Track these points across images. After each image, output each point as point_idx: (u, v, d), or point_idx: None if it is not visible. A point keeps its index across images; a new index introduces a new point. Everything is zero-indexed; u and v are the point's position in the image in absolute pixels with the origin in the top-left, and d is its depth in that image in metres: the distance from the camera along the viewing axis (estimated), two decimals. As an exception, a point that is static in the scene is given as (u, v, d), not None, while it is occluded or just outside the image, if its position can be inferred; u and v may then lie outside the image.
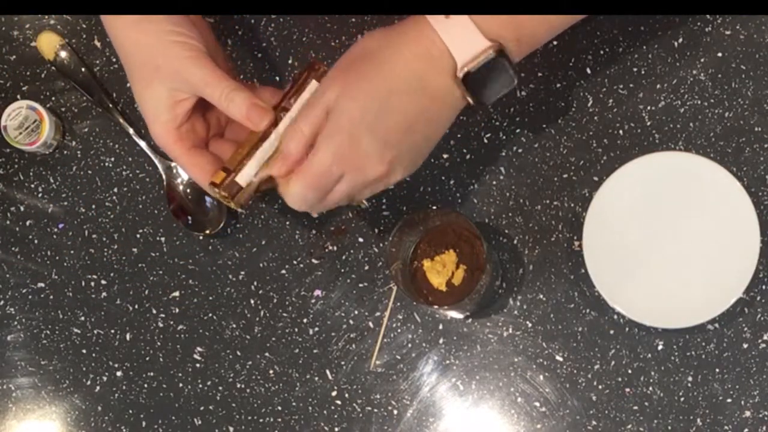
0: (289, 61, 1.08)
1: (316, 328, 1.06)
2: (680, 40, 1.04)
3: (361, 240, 1.06)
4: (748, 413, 1.00)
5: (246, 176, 0.91)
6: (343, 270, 1.06)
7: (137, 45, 0.92)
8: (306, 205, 0.91)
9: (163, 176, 1.07)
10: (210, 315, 1.07)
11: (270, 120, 0.91)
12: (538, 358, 1.03)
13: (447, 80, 0.88)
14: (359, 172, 0.89)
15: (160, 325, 1.08)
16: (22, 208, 1.10)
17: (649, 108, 1.04)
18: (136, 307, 1.08)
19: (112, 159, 1.09)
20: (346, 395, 1.05)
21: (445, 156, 1.05)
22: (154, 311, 1.08)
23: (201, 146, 0.94)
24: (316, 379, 1.05)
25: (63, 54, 1.08)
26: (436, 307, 0.99)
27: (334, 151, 0.87)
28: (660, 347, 1.02)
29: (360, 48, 0.90)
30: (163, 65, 0.91)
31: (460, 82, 0.88)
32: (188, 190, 1.08)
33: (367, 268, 1.06)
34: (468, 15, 0.86)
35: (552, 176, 1.04)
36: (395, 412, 1.04)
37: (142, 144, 1.08)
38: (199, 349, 1.07)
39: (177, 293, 1.08)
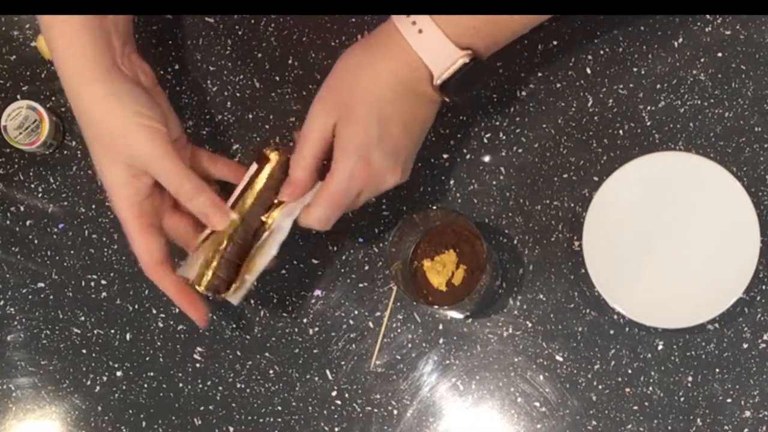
0: (289, 61, 1.08)
1: (316, 328, 1.06)
2: (680, 40, 1.04)
3: (361, 240, 1.06)
4: (748, 413, 1.00)
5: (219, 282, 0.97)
6: (343, 270, 1.06)
7: (103, 123, 0.93)
8: (329, 225, 0.96)
9: (163, 176, 1.07)
10: (210, 315, 1.07)
11: (229, 222, 0.95)
12: (538, 358, 1.03)
13: (427, 86, 0.93)
14: (376, 186, 0.94)
15: (160, 325, 1.08)
16: (22, 208, 1.10)
17: (649, 108, 1.04)
18: (136, 307, 1.08)
19: (112, 159, 1.09)
20: (346, 395, 1.05)
21: (445, 156, 1.06)
22: (154, 311, 1.08)
23: (157, 224, 0.97)
24: (316, 379, 1.06)
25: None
26: (436, 307, 0.99)
27: (349, 174, 0.92)
28: (660, 347, 1.02)
29: (342, 68, 0.94)
30: (128, 149, 0.92)
31: (437, 89, 0.93)
32: None
33: (367, 268, 1.06)
34: (440, 29, 0.90)
35: (552, 176, 1.04)
36: (395, 412, 1.04)
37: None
38: (199, 349, 1.07)
39: (177, 293, 1.08)
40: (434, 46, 0.91)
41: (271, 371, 1.06)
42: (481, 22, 0.91)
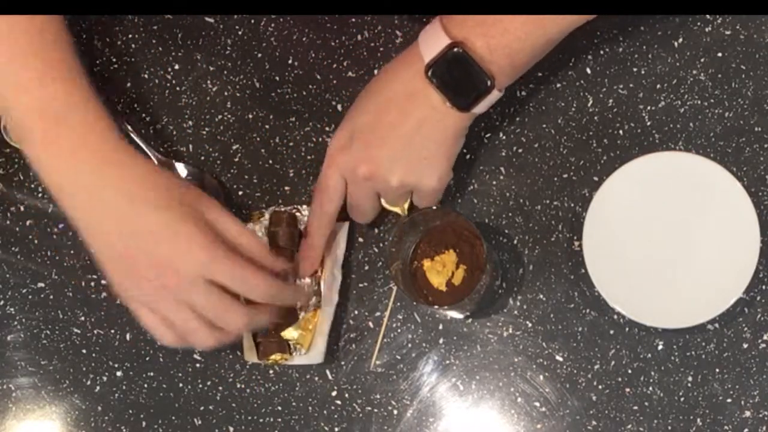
0: (289, 61, 1.08)
1: (316, 328, 1.06)
2: (680, 40, 1.04)
3: (361, 240, 1.06)
4: (748, 413, 1.00)
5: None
6: (342, 270, 1.06)
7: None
8: (329, 215, 1.00)
9: (163, 176, 1.07)
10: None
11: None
12: (538, 358, 1.03)
13: (422, 82, 0.94)
14: (351, 172, 0.97)
15: (160, 325, 1.08)
16: (22, 208, 1.10)
17: (649, 108, 1.04)
18: (136, 307, 1.08)
19: (112, 159, 1.09)
20: (346, 395, 1.05)
21: (445, 156, 1.05)
22: (154, 311, 1.08)
23: None
24: (316, 379, 1.05)
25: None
26: (436, 307, 0.99)
27: (328, 157, 0.98)
28: (660, 347, 1.02)
29: (372, 83, 0.99)
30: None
31: (428, 79, 0.93)
32: None
33: (367, 268, 1.06)
34: (439, 18, 0.93)
35: (552, 176, 1.04)
36: (395, 412, 1.04)
37: (142, 143, 1.08)
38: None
39: (177, 293, 1.07)
40: (430, 34, 0.94)
41: (271, 371, 1.06)
42: (479, 18, 0.92)
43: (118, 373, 1.08)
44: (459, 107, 0.94)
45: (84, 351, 1.08)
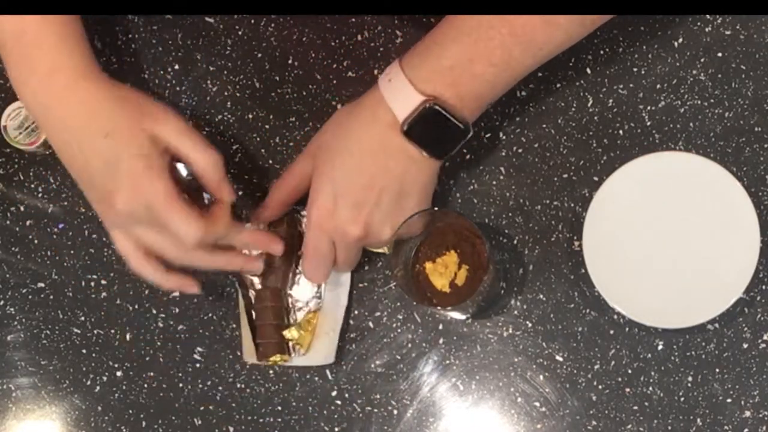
0: (289, 61, 1.08)
1: (316, 328, 1.06)
2: (680, 40, 1.04)
3: (361, 240, 1.06)
4: (748, 413, 1.00)
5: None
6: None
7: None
8: (320, 276, 1.00)
9: (163, 176, 1.07)
10: (210, 315, 1.07)
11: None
12: (538, 358, 1.03)
13: (397, 137, 0.94)
14: (342, 237, 0.97)
15: (160, 325, 1.08)
16: (22, 208, 1.10)
17: (649, 108, 1.04)
18: (136, 307, 1.08)
19: (112, 159, 1.09)
20: (346, 395, 1.05)
21: (445, 156, 1.06)
22: (154, 311, 1.08)
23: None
24: (316, 379, 1.06)
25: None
26: (440, 308, 0.99)
27: (315, 224, 0.96)
28: (660, 347, 1.02)
29: (329, 123, 0.99)
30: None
31: (405, 137, 0.94)
32: (188, 190, 1.07)
33: (367, 268, 1.06)
34: (405, 76, 0.93)
35: (552, 176, 1.04)
36: (395, 412, 1.04)
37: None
38: (199, 349, 1.07)
39: (177, 293, 1.08)
40: (399, 91, 0.94)
41: (271, 371, 1.06)
42: (446, 68, 0.92)
43: (118, 373, 1.08)
44: (437, 157, 0.96)
45: (84, 351, 1.08)
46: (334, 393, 1.05)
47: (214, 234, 0.95)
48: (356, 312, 1.06)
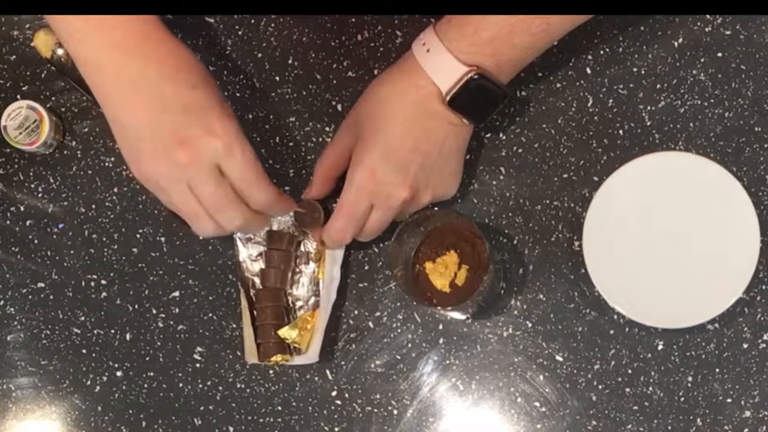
0: (289, 61, 1.08)
1: (316, 328, 1.06)
2: (680, 40, 1.04)
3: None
4: (748, 413, 1.00)
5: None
6: (342, 270, 1.06)
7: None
8: (346, 237, 1.00)
9: (163, 176, 1.07)
10: (210, 315, 1.07)
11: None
12: (538, 358, 1.03)
13: (439, 105, 0.96)
14: (385, 200, 0.97)
15: (160, 325, 1.08)
16: (22, 208, 1.10)
17: (649, 108, 1.04)
18: (136, 307, 1.08)
19: (112, 159, 1.09)
20: (346, 395, 1.05)
21: (445, 156, 1.05)
22: (154, 311, 1.08)
23: None
24: (316, 379, 1.06)
25: (60, 51, 1.08)
26: (440, 308, 0.99)
27: (357, 186, 0.97)
28: (660, 347, 1.02)
29: (367, 92, 1.00)
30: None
31: (448, 107, 0.96)
32: None
33: (367, 268, 1.06)
34: (445, 47, 0.94)
35: (552, 176, 1.04)
36: (395, 412, 1.04)
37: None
38: (199, 349, 1.07)
39: (177, 293, 1.08)
40: (440, 63, 0.95)
41: (271, 371, 1.06)
42: (486, 39, 0.93)
43: (118, 373, 1.08)
44: (477, 123, 0.98)
45: (84, 351, 1.08)
46: (334, 393, 1.05)
47: (277, 210, 0.95)
48: (356, 312, 1.06)
